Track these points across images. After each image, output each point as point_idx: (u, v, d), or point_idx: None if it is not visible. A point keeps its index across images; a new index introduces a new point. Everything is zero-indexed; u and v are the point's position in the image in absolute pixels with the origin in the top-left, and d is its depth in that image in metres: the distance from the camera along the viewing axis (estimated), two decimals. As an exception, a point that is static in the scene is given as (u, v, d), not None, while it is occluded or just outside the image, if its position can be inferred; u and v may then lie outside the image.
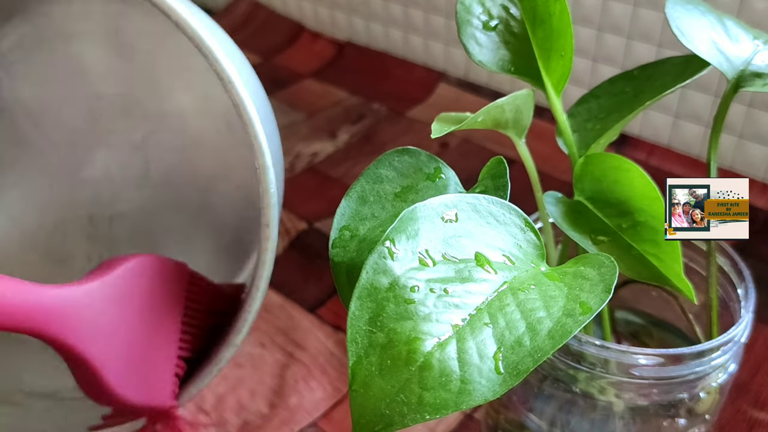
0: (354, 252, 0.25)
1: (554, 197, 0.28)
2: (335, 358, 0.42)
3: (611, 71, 0.54)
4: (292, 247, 0.50)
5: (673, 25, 0.27)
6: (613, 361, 0.26)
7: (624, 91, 0.30)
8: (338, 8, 0.72)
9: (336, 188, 0.55)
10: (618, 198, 0.26)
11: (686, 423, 0.29)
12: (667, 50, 0.51)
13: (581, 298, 0.21)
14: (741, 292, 0.29)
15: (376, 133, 0.62)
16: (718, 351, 0.26)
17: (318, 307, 0.45)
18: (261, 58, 0.74)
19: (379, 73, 0.69)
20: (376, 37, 0.71)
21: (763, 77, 0.27)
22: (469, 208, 0.23)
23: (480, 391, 0.19)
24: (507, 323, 0.21)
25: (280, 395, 0.40)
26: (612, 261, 0.23)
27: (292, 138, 0.62)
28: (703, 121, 0.52)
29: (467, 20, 0.28)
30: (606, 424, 0.30)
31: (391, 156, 0.27)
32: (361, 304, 0.20)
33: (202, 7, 0.35)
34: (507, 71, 0.28)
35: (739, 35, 0.28)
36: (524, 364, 0.20)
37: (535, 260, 0.23)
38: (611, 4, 0.52)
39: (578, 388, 0.28)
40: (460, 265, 0.21)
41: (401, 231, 0.21)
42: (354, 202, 0.26)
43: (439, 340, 0.20)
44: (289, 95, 0.68)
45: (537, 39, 0.28)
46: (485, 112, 0.25)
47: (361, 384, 0.20)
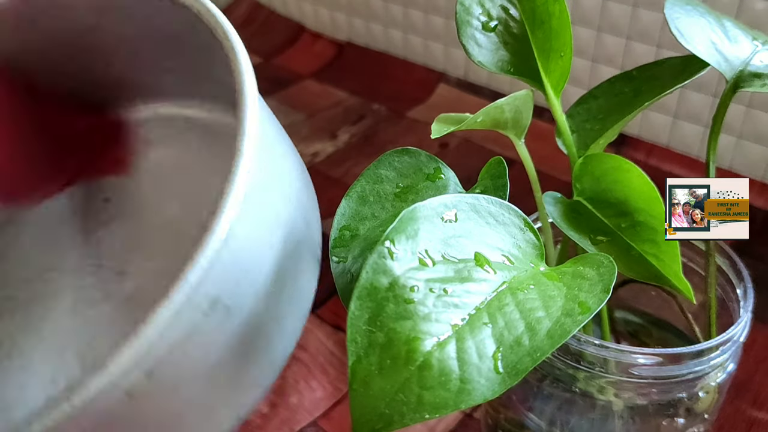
0: (354, 252, 0.25)
1: (553, 197, 0.28)
2: (335, 357, 0.42)
3: (610, 72, 0.54)
4: (292, 247, 0.50)
5: (672, 25, 0.27)
6: (612, 361, 0.26)
7: (623, 92, 0.30)
8: (338, 9, 0.72)
9: (336, 188, 0.56)
10: (617, 198, 0.26)
11: (685, 422, 0.29)
12: (666, 51, 0.51)
13: (580, 298, 0.21)
14: (740, 291, 0.29)
15: (376, 133, 0.62)
16: (717, 350, 0.26)
17: (318, 307, 0.45)
18: (261, 59, 0.74)
19: (379, 74, 0.69)
20: (376, 38, 0.71)
21: (762, 77, 0.27)
22: (468, 208, 0.23)
23: (479, 390, 0.19)
24: (506, 323, 0.21)
25: (281, 395, 0.40)
26: (611, 261, 0.23)
27: (292, 138, 0.61)
28: (702, 121, 0.52)
29: (467, 21, 0.28)
30: (605, 424, 0.30)
31: (391, 156, 0.27)
32: (360, 304, 0.20)
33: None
34: (506, 72, 0.28)
35: (737, 36, 0.28)
36: (523, 364, 0.20)
37: (534, 260, 0.23)
38: (610, 4, 0.52)
39: (577, 388, 0.28)
40: (460, 265, 0.21)
41: (401, 231, 0.21)
42: (354, 202, 0.26)
43: (439, 340, 0.20)
44: (289, 95, 0.68)
45: (536, 40, 0.28)
46: (485, 113, 0.25)
47: (361, 383, 0.20)
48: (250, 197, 0.25)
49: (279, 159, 0.30)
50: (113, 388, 0.22)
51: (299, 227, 0.29)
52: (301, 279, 0.29)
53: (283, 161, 0.30)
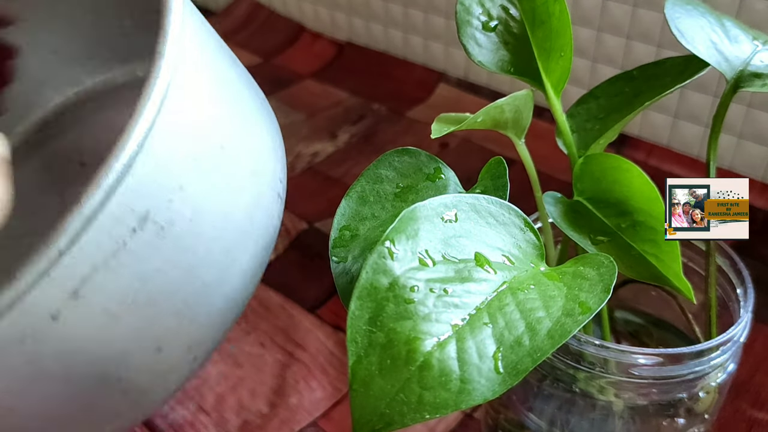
0: (354, 252, 0.25)
1: (554, 197, 0.28)
2: (335, 357, 0.42)
3: (611, 71, 0.54)
4: (292, 247, 0.50)
5: (672, 25, 0.27)
6: (613, 361, 0.26)
7: (623, 92, 0.30)
8: (338, 9, 0.72)
9: (336, 188, 0.56)
10: (617, 198, 0.26)
11: (685, 422, 0.29)
12: (666, 51, 0.51)
13: (580, 298, 0.21)
14: (740, 292, 0.29)
15: (376, 133, 0.62)
16: (717, 351, 0.26)
17: (318, 307, 0.45)
18: (261, 58, 0.74)
19: (379, 74, 0.70)
20: (376, 38, 0.71)
21: (762, 77, 0.27)
22: (468, 208, 0.23)
23: (479, 390, 0.19)
24: (506, 323, 0.21)
25: (281, 395, 0.40)
26: (611, 261, 0.23)
27: (292, 138, 0.62)
28: (702, 121, 0.52)
29: (467, 21, 0.28)
30: (605, 424, 0.30)
31: (391, 156, 0.27)
32: (361, 304, 0.20)
33: (203, 8, 0.35)
34: (507, 72, 0.28)
35: (738, 36, 0.28)
36: (523, 364, 0.20)
37: (534, 260, 0.23)
38: (611, 4, 0.52)
39: (578, 388, 0.28)
40: (460, 265, 0.21)
41: (401, 231, 0.21)
42: (354, 202, 0.26)
43: (439, 340, 0.20)
44: (289, 95, 0.68)
45: (536, 39, 0.28)
46: (485, 113, 0.25)
47: (361, 383, 0.20)
48: (176, 107, 0.23)
49: (222, 69, 0.27)
50: (34, 308, 0.20)
51: (255, 154, 0.27)
52: (257, 214, 0.27)
53: (228, 72, 0.28)
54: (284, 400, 0.40)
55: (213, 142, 0.26)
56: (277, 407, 0.39)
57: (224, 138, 0.26)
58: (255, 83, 0.32)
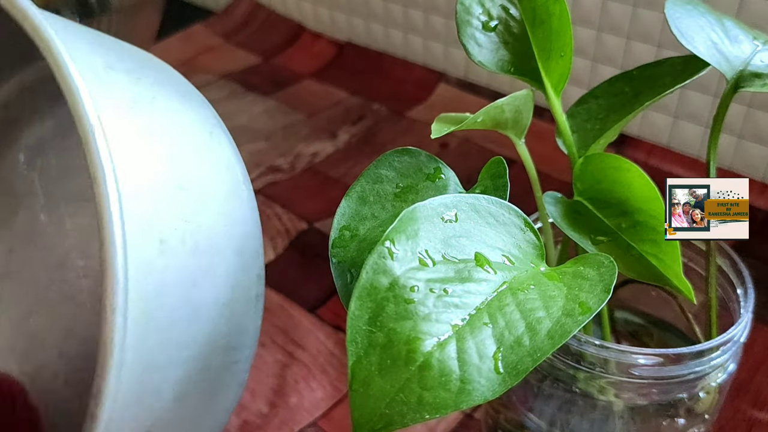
0: (354, 252, 0.25)
1: (554, 197, 0.28)
2: (335, 358, 0.42)
3: (611, 71, 0.54)
4: (292, 247, 0.50)
5: (672, 25, 0.27)
6: (613, 361, 0.26)
7: (623, 92, 0.30)
8: (338, 9, 0.72)
9: (336, 188, 0.55)
10: (617, 198, 0.26)
11: (685, 423, 0.29)
12: (666, 50, 0.51)
13: (580, 298, 0.21)
14: (740, 292, 0.29)
15: (376, 133, 0.62)
16: (718, 351, 0.26)
17: (318, 307, 0.45)
18: (261, 59, 0.74)
19: (379, 74, 0.69)
20: (376, 38, 0.71)
21: (763, 77, 0.27)
22: (468, 209, 0.23)
23: (479, 390, 0.19)
24: (506, 323, 0.21)
25: (280, 395, 0.40)
26: (611, 261, 0.23)
27: (292, 138, 0.62)
28: (702, 121, 0.52)
29: (467, 21, 0.28)
30: (605, 424, 0.30)
31: (391, 156, 0.27)
32: (360, 304, 0.20)
33: (202, 8, 0.35)
34: (507, 71, 0.28)
35: (738, 35, 0.28)
36: (524, 364, 0.20)
37: (534, 260, 0.23)
38: (611, 4, 0.52)
39: (578, 388, 0.28)
40: (460, 265, 0.21)
41: (401, 231, 0.21)
42: (354, 202, 0.26)
43: (439, 340, 0.20)
44: (289, 95, 0.68)
45: (536, 39, 0.28)
46: (485, 113, 0.25)
47: (361, 384, 0.20)
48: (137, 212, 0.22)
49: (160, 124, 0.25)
50: None
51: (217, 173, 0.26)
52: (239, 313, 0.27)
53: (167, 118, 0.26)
54: (284, 400, 0.40)
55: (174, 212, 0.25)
56: (277, 407, 0.39)
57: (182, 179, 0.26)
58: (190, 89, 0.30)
